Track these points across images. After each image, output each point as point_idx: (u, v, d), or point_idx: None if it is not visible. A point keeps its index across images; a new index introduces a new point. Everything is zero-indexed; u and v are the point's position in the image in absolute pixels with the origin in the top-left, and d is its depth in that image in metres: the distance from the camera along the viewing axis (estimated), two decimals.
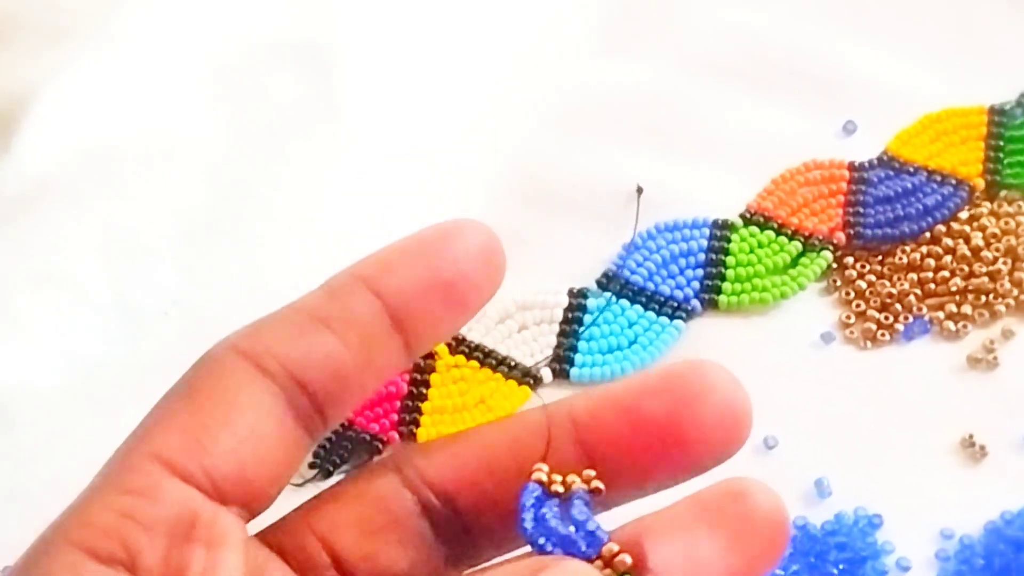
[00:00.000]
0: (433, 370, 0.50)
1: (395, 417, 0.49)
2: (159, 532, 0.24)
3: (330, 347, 0.26)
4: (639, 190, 0.54)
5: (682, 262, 0.52)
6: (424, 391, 0.50)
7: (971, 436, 0.48)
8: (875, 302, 0.51)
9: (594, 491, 0.26)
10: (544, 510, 0.25)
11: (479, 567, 0.27)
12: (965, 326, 0.51)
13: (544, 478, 0.26)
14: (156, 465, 0.25)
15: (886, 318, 0.51)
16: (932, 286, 0.52)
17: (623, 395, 0.27)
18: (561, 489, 0.26)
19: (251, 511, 0.26)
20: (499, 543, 0.27)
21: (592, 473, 0.26)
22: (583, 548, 0.25)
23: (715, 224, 0.53)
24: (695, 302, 0.52)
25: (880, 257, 0.53)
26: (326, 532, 0.27)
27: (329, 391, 0.26)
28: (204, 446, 0.25)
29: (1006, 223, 0.53)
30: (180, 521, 0.24)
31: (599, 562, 0.25)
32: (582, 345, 0.51)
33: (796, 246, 0.53)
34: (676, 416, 0.26)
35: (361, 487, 0.27)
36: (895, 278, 0.52)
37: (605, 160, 0.56)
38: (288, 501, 0.28)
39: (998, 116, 0.56)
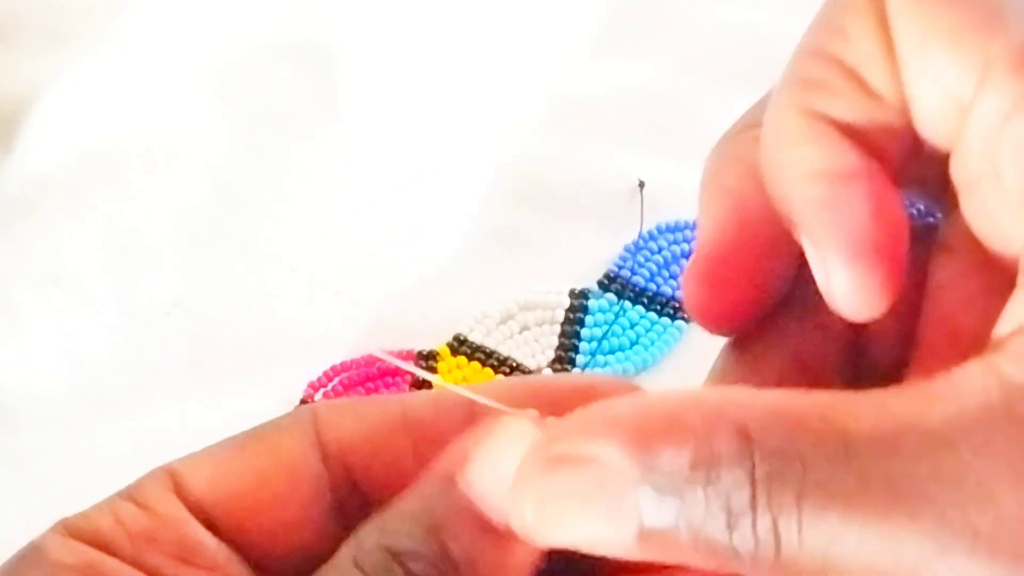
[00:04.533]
0: (435, 371, 0.50)
1: None
2: (141, 540, 0.24)
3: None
4: (641, 184, 0.54)
5: (684, 263, 0.52)
6: None
7: None
8: None
9: None
10: None
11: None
12: None
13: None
14: (168, 479, 0.25)
15: None
16: None
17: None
18: None
19: (248, 555, 0.25)
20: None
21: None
22: None
23: None
24: None
25: None
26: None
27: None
28: (221, 479, 0.25)
29: None
30: (168, 539, 0.25)
31: None
32: (584, 346, 0.51)
33: None
34: None
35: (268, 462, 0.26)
36: None
37: (606, 160, 0.56)
38: None
39: None
